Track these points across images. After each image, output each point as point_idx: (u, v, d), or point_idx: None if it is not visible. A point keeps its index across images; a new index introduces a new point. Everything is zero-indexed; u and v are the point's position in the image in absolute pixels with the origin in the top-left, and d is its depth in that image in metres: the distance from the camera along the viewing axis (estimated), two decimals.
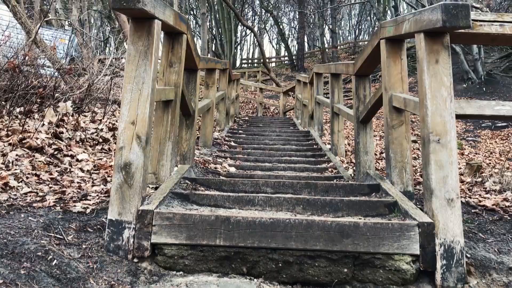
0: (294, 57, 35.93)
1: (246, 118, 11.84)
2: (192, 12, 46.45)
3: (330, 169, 4.90)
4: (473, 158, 8.30)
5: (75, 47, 19.13)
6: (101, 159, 4.21)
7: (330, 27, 35.62)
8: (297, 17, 39.44)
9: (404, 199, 2.83)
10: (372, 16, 46.61)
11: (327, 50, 35.74)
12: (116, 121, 5.71)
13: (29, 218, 2.42)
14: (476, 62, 19.50)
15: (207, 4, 30.10)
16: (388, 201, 2.81)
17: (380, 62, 3.98)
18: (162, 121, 3.34)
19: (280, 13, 48.39)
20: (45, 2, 23.53)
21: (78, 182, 3.31)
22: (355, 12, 48.59)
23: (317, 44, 46.57)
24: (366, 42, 41.89)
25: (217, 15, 35.68)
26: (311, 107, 8.46)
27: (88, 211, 2.65)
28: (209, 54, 35.62)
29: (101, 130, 4.97)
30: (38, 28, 6.78)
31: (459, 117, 2.66)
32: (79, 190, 3.06)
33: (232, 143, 6.47)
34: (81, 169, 3.74)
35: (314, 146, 6.48)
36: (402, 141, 3.30)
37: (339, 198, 2.83)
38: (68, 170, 3.62)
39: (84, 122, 5.09)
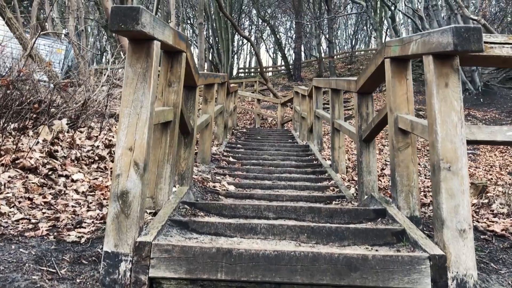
0: (291, 66, 35.97)
1: (244, 130, 11.74)
2: (189, 21, 46.54)
3: (331, 188, 4.80)
4: (474, 173, 8.22)
5: (72, 57, 19.05)
6: (96, 178, 4.09)
7: (327, 36, 35.70)
8: (294, 26, 39.58)
9: (412, 227, 2.71)
10: (368, 25, 46.88)
11: (324, 60, 35.79)
12: (113, 137, 5.59)
13: (21, 250, 2.30)
14: (473, 73, 19.54)
15: (204, 13, 30.10)
16: (395, 229, 2.70)
17: (384, 80, 3.90)
18: (160, 143, 3.23)
19: (276, 22, 48.55)
20: (42, 11, 23.48)
21: (72, 206, 3.19)
22: (352, 22, 48.81)
23: (313, 54, 46.73)
24: (362, 52, 42.12)
25: (214, 24, 35.71)
26: (310, 120, 8.37)
27: (83, 240, 2.53)
28: (206, 64, 35.63)
29: (97, 147, 4.85)
30: (34, 43, 6.67)
31: (470, 142, 2.56)
32: (73, 216, 2.94)
33: (231, 159, 6.36)
34: (76, 191, 3.62)
35: (314, 162, 6.37)
36: (408, 164, 3.20)
37: (345, 226, 2.72)
38: (63, 192, 3.50)
39: (80, 139, 4.97)
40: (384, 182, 5.28)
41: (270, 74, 41.03)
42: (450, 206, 2.36)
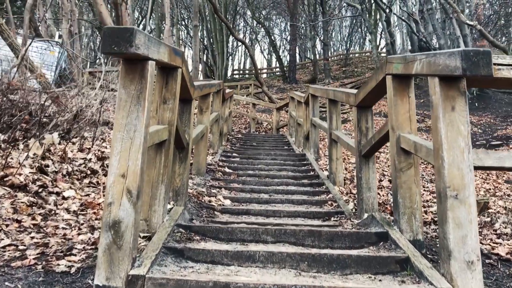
0: (285, 68, 35.89)
1: (239, 136, 11.63)
2: (183, 22, 46.36)
3: (329, 202, 4.69)
4: None
5: (65, 59, 18.85)
6: (88, 195, 3.97)
7: (321, 38, 35.65)
8: (289, 28, 39.50)
9: (416, 254, 2.61)
10: (363, 27, 46.92)
11: (318, 62, 35.73)
12: (106, 148, 5.47)
13: (6, 283, 2.18)
14: None
15: (199, 15, 29.97)
16: (399, 256, 2.59)
17: (384, 95, 3.81)
18: (154, 162, 3.11)
19: (271, 24, 48.50)
20: (36, 11, 23.23)
21: (63, 228, 3.06)
22: (346, 23, 48.81)
23: (308, 56, 46.68)
24: (357, 54, 42.12)
25: (209, 25, 35.56)
26: (307, 127, 8.27)
27: (73, 270, 2.41)
28: (200, 65, 35.49)
29: (90, 160, 4.72)
30: (26, 50, 6.53)
31: (477, 168, 2.47)
32: (64, 240, 2.82)
33: (226, 169, 6.24)
34: (67, 210, 3.50)
35: (311, 173, 6.27)
36: (411, 185, 3.10)
37: (347, 253, 2.61)
38: (53, 212, 3.38)
39: (72, 151, 4.84)
40: (383, 196, 5.18)
41: (264, 76, 40.94)
42: (457, 236, 2.26)
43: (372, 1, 33.96)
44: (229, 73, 43.35)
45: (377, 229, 3.16)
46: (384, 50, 35.92)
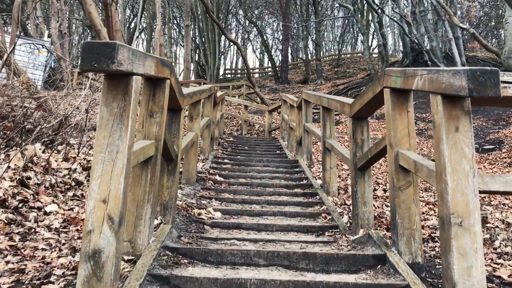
0: (278, 68, 35.75)
1: (231, 139, 11.46)
2: (175, 21, 46.08)
3: (323, 215, 4.55)
4: None
5: (55, 59, 18.57)
6: (72, 209, 3.79)
7: (313, 38, 35.60)
8: (281, 28, 39.36)
9: (417, 282, 2.47)
10: (355, 28, 46.91)
11: (310, 62, 35.65)
12: (93, 155, 5.28)
13: None
14: None
15: (191, 14, 29.73)
16: (399, 284, 2.45)
17: (381, 106, 3.68)
18: (140, 180, 2.94)
19: (263, 23, 48.35)
20: (25, 10, 22.91)
21: (42, 250, 2.89)
22: (338, 24, 48.79)
23: (300, 55, 46.59)
24: (349, 55, 42.07)
25: (201, 24, 35.31)
26: (299, 133, 8.13)
27: None
28: (192, 65, 35.24)
29: (75, 170, 4.54)
30: (12, 51, 6.32)
31: (482, 193, 2.33)
32: (42, 265, 2.64)
33: (217, 177, 6.08)
34: (48, 227, 3.32)
35: (304, 181, 6.13)
36: (410, 204, 2.96)
37: (344, 281, 2.47)
38: (33, 230, 3.20)
39: (56, 161, 4.65)
40: (378, 207, 5.04)
41: (256, 75, 40.83)
42: (462, 267, 2.12)
43: (364, 2, 34.00)
44: (221, 72, 43.16)
45: (374, 251, 3.02)
46: (375, 50, 35.98)
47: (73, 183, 4.30)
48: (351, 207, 4.77)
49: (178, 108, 3.98)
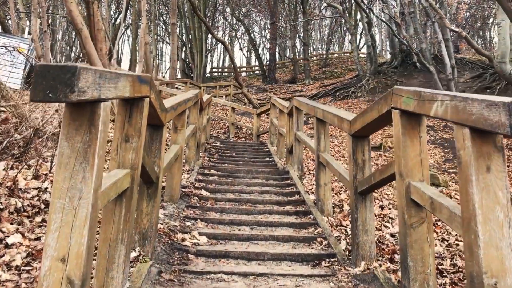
0: (265, 67, 35.37)
1: (218, 144, 11.05)
2: (161, 18, 45.37)
3: (319, 240, 4.17)
4: (457, 199, 7.75)
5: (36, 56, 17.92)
6: (39, 238, 3.36)
7: (301, 36, 35.27)
8: (269, 26, 38.97)
9: None
10: (342, 27, 46.71)
11: (298, 62, 35.34)
12: None
13: None
14: (450, 82, 19.29)
15: (177, 12, 29.17)
16: None
17: (386, 125, 3.33)
18: (112, 216, 2.53)
19: (251, 21, 47.91)
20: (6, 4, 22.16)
21: None
22: (326, 23, 48.54)
23: (287, 54, 46.24)
24: (336, 55, 41.76)
25: (188, 22, 34.71)
26: (290, 141, 7.75)
27: None
28: (178, 63, 34.64)
29: (45, 190, 4.10)
30: None
31: None
32: None
33: (203, 192, 5.67)
34: (8, 265, 2.89)
35: (296, 196, 5.75)
36: (423, 245, 2.60)
37: None
38: None
39: (25, 179, 4.21)
40: (376, 229, 4.68)
41: (243, 74, 40.42)
42: None
43: (353, 1, 33.76)
44: (207, 70, 42.60)
45: None
46: (362, 50, 35.78)
47: (43, 206, 3.86)
48: (348, 230, 4.42)
49: (160, 125, 3.58)
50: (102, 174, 1.92)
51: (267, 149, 10.54)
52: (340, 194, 6.12)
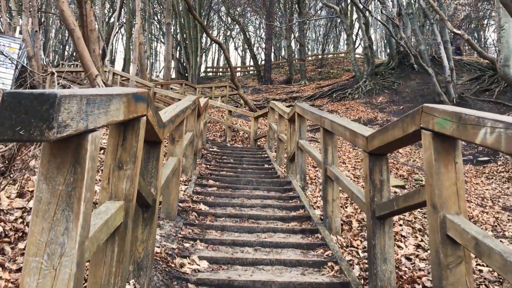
0: (261, 68, 35.02)
1: (215, 149, 10.70)
2: (156, 18, 44.87)
3: (329, 264, 3.84)
4: (470, 211, 7.48)
5: (27, 56, 17.47)
6: (21, 269, 3.00)
7: (297, 36, 34.96)
8: (264, 26, 38.60)
9: None
10: (338, 28, 46.46)
11: (294, 62, 35.02)
12: None
13: None
14: (448, 85, 19.07)
15: (172, 11, 28.76)
16: None
17: (410, 144, 2.98)
18: (103, 257, 2.18)
19: (245, 20, 47.51)
20: None
21: None
22: (321, 23, 48.26)
23: (282, 54, 45.91)
24: (330, 55, 41.39)
25: (182, 21, 34.26)
26: (291, 148, 7.42)
27: None
28: (173, 63, 34.18)
29: (30, 209, 3.73)
30: None
31: None
32: None
33: (202, 206, 5.31)
34: None
35: (301, 211, 5.41)
36: None
37: None
38: None
39: (8, 197, 3.85)
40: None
41: (239, 74, 40.00)
42: None
43: (349, 1, 33.48)
44: (202, 69, 42.18)
45: None
46: (357, 51, 35.51)
47: (27, 229, 3.50)
48: (360, 252, 4.10)
49: (157, 141, 3.23)
50: (90, 221, 1.58)
51: (266, 155, 10.20)
52: (347, 207, 5.79)
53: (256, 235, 4.56)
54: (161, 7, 39.72)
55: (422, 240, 4.69)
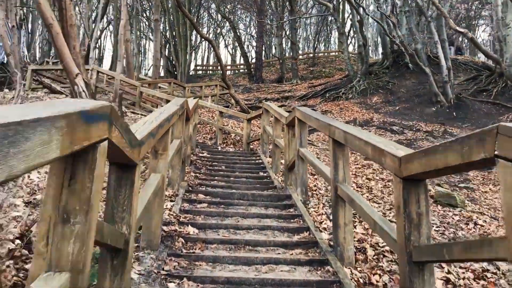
0: (252, 66, 34.27)
1: (205, 154, 9.93)
2: (144, 14, 43.81)
3: None
4: (484, 225, 6.82)
5: (4, 53, 16.56)
6: None
7: (288, 34, 34.25)
8: (255, 24, 37.84)
9: None
10: (329, 26, 45.85)
11: (286, 61, 34.29)
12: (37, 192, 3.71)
13: None
14: (446, 85, 18.48)
15: (160, 7, 27.87)
16: None
17: (463, 171, 2.24)
18: None
19: (236, 18, 46.67)
20: None
21: None
22: (312, 21, 47.56)
23: (273, 52, 45.17)
24: (321, 54, 40.68)
25: (172, 18, 33.33)
26: (290, 157, 6.67)
27: None
28: (161, 61, 33.26)
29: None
30: None
31: None
32: None
33: (190, 229, 4.54)
34: None
35: (305, 234, 4.67)
36: None
37: None
38: None
39: None
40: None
41: (229, 72, 39.19)
42: None
43: (341, 0, 32.88)
44: (191, 67, 41.29)
45: None
46: (350, 49, 34.89)
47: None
48: None
49: (130, 164, 2.47)
50: None
51: (260, 160, 9.46)
52: (355, 227, 5.05)
53: (254, 268, 3.81)
54: (150, 3, 38.72)
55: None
